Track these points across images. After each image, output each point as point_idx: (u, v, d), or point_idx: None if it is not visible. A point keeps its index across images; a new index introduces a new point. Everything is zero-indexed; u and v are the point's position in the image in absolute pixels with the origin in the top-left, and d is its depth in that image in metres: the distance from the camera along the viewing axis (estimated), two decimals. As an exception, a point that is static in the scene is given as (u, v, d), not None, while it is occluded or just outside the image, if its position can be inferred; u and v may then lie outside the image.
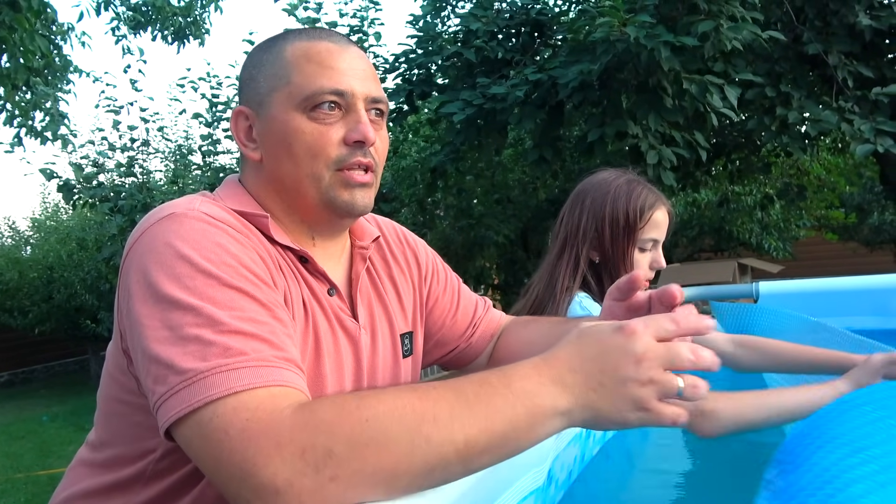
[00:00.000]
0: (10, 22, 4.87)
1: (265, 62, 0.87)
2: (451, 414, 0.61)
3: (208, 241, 0.72)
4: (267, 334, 0.68)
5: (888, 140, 3.85)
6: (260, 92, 0.86)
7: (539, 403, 0.63)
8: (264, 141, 0.86)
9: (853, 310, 2.13)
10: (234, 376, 0.63)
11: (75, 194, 5.69)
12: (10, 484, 4.99)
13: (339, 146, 0.83)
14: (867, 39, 4.26)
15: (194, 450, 0.63)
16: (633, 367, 0.63)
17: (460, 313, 1.11)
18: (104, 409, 0.85)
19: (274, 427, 0.60)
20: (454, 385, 0.64)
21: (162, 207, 0.78)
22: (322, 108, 0.82)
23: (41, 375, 10.81)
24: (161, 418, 0.64)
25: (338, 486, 0.58)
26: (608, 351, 0.64)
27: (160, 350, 0.66)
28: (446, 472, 0.62)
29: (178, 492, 0.79)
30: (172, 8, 7.04)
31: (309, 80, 0.83)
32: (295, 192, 0.85)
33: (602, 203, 1.46)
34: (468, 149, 5.37)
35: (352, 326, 0.89)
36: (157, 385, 0.65)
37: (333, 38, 0.87)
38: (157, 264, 0.70)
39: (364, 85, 0.85)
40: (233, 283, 0.70)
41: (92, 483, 0.85)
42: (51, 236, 10.75)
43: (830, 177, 8.33)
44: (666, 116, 4.00)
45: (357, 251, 0.95)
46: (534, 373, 0.65)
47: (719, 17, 3.74)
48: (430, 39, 5.32)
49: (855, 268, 7.41)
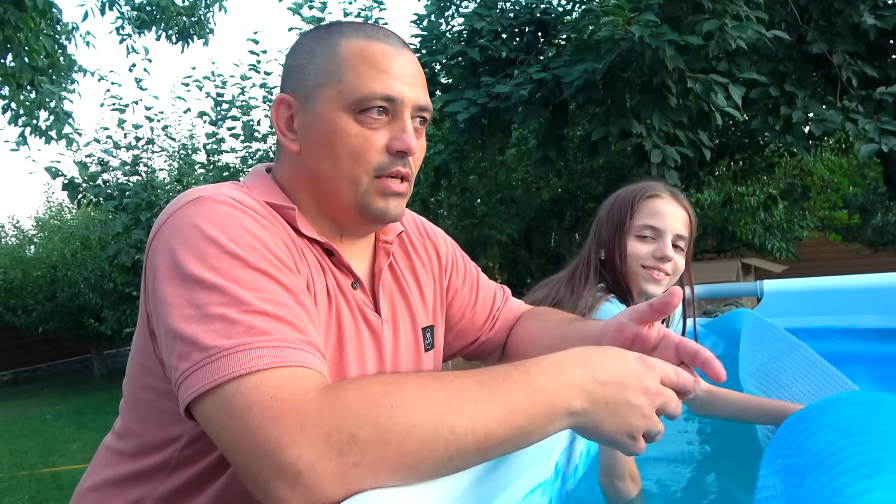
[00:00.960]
0: (16, 21, 4.90)
1: (317, 54, 0.84)
2: (476, 405, 0.62)
3: (235, 225, 0.73)
4: (290, 317, 0.68)
5: (892, 140, 3.85)
6: (308, 84, 0.84)
7: (557, 404, 0.66)
8: (306, 134, 0.84)
9: (856, 308, 2.14)
10: (258, 355, 0.63)
11: (80, 193, 5.70)
12: (14, 481, 5.01)
13: (381, 153, 0.82)
14: (872, 39, 4.26)
15: (216, 426, 0.62)
16: (643, 399, 0.69)
17: (479, 305, 1.11)
18: (130, 398, 0.86)
19: (299, 408, 0.60)
20: (478, 376, 0.65)
21: (189, 192, 0.79)
22: (371, 112, 0.81)
23: (44, 374, 10.83)
24: (183, 394, 0.64)
25: (359, 472, 0.58)
26: (629, 377, 0.70)
27: (185, 327, 0.66)
28: (464, 461, 0.63)
29: (203, 481, 0.79)
30: (177, 8, 7.06)
31: (362, 82, 0.81)
32: (330, 191, 0.84)
33: (607, 202, 1.54)
34: (472, 148, 5.37)
35: (374, 320, 0.90)
36: (180, 361, 0.65)
37: (390, 39, 0.85)
38: (183, 245, 0.71)
39: (414, 92, 0.84)
40: (258, 266, 0.70)
41: (117, 471, 0.85)
42: (54, 235, 10.77)
43: (834, 177, 8.32)
44: (670, 116, 4.00)
45: (381, 245, 0.95)
46: (556, 372, 0.68)
47: (724, 17, 3.74)
48: (435, 39, 5.33)
49: (858, 269, 7.40)
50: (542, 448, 1.01)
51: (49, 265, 9.99)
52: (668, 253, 1.45)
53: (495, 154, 6.22)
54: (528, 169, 7.17)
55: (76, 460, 5.48)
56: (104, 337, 9.64)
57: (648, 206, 1.47)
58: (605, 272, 1.49)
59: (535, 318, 1.13)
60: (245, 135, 6.79)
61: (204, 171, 7.11)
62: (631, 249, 1.45)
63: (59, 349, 10.99)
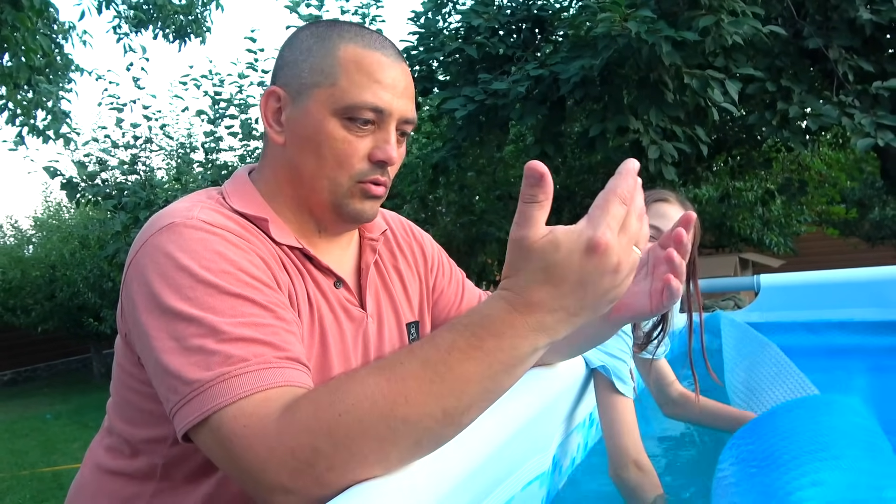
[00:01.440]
0: (13, 21, 4.89)
1: (314, 52, 0.85)
2: (421, 390, 0.62)
3: (206, 250, 0.74)
4: (269, 336, 0.70)
5: (889, 134, 3.86)
6: (301, 80, 0.84)
7: (517, 354, 0.64)
8: (293, 129, 0.85)
9: (852, 302, 2.15)
10: (237, 383, 0.66)
11: (79, 192, 5.71)
12: (15, 481, 5.02)
13: (363, 161, 0.84)
14: (867, 34, 4.27)
15: (212, 455, 0.67)
16: (611, 278, 0.64)
17: (464, 305, 1.13)
18: (116, 398, 0.88)
19: (263, 433, 0.63)
20: (422, 356, 0.64)
21: (160, 215, 0.80)
22: (358, 121, 0.83)
23: (44, 374, 10.83)
24: (178, 425, 0.68)
25: (336, 474, 0.62)
26: (586, 278, 0.63)
27: (168, 360, 0.69)
28: (435, 440, 0.65)
29: (194, 481, 0.81)
30: (174, 6, 7.05)
31: (356, 90, 0.82)
32: (310, 187, 0.86)
33: None
34: (470, 145, 5.38)
35: (358, 315, 0.91)
36: (169, 394, 0.69)
37: (387, 49, 0.86)
38: (158, 276, 0.73)
39: (401, 104, 0.85)
40: (232, 290, 0.72)
41: (111, 468, 0.87)
42: (53, 235, 10.77)
43: (831, 172, 8.34)
44: (667, 111, 4.01)
45: (367, 242, 0.97)
46: (507, 327, 0.63)
47: (720, 13, 3.75)
48: (432, 36, 5.33)
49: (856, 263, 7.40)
50: (539, 441, 1.02)
51: (48, 265, 9.99)
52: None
53: (493, 151, 6.22)
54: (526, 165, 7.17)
55: (77, 459, 5.49)
56: (103, 336, 9.64)
57: (655, 208, 1.48)
58: None
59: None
60: (243, 133, 6.80)
61: (202, 169, 7.11)
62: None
63: (58, 349, 10.99)
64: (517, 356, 0.64)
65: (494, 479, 0.83)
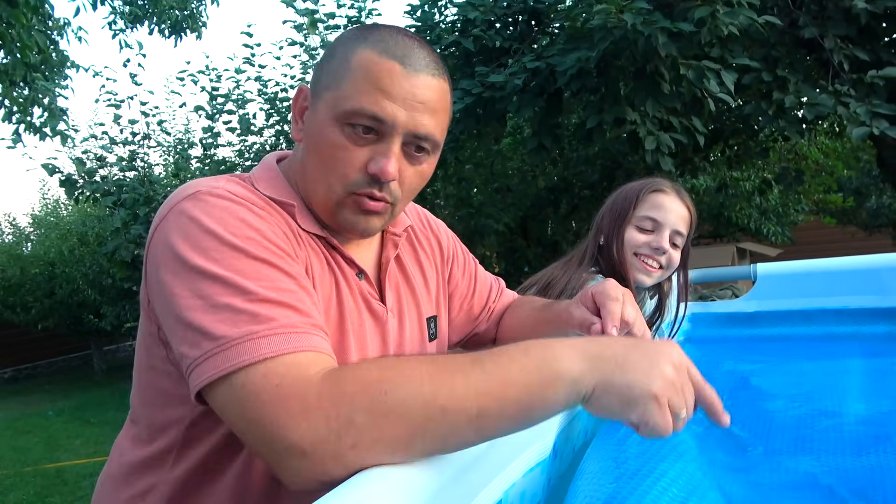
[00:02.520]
0: (8, 18, 4.88)
1: (335, 55, 0.84)
2: (467, 383, 0.64)
3: (232, 217, 0.75)
4: (294, 301, 0.71)
5: (884, 123, 3.87)
6: (320, 83, 0.84)
7: (553, 367, 0.65)
8: (307, 129, 0.86)
9: (850, 289, 2.17)
10: (265, 343, 0.66)
11: (78, 189, 5.71)
12: (19, 477, 5.05)
13: (359, 171, 0.81)
14: (863, 23, 4.27)
15: (227, 412, 0.66)
16: (668, 365, 0.67)
17: (476, 297, 1.13)
18: (138, 382, 0.88)
19: (302, 392, 0.63)
20: (474, 355, 0.67)
21: (186, 186, 0.81)
22: (357, 128, 0.80)
23: (45, 371, 10.86)
24: (194, 381, 0.67)
25: (357, 453, 0.62)
26: (649, 345, 0.69)
27: (193, 317, 0.69)
28: (461, 439, 0.65)
29: (209, 468, 0.82)
30: (169, 1, 7.03)
31: (356, 95, 0.80)
32: (312, 190, 0.86)
33: (614, 194, 1.60)
34: (467, 138, 5.38)
35: (379, 309, 0.91)
36: (191, 349, 0.68)
37: (410, 58, 0.81)
38: (184, 239, 0.73)
39: (412, 118, 0.80)
40: (258, 255, 0.73)
41: (131, 457, 0.88)
42: (51, 232, 10.77)
43: (828, 161, 8.34)
44: (664, 102, 4.02)
45: (389, 237, 0.97)
46: (556, 342, 0.68)
47: (715, 3, 3.75)
48: (428, 29, 5.32)
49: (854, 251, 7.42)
50: (539, 428, 1.04)
51: (47, 262, 10.00)
52: (664, 245, 1.48)
53: (491, 143, 6.23)
54: (523, 158, 7.18)
55: (80, 455, 5.51)
56: (104, 333, 9.67)
57: (652, 199, 1.51)
58: (601, 258, 1.53)
59: (514, 310, 1.16)
60: (241, 128, 6.79)
61: (200, 164, 7.10)
62: (628, 237, 1.49)
63: (58, 346, 11.01)
64: (552, 369, 0.66)
65: (494, 467, 0.85)
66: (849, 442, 1.08)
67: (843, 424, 1.31)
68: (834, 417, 1.33)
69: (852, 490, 0.96)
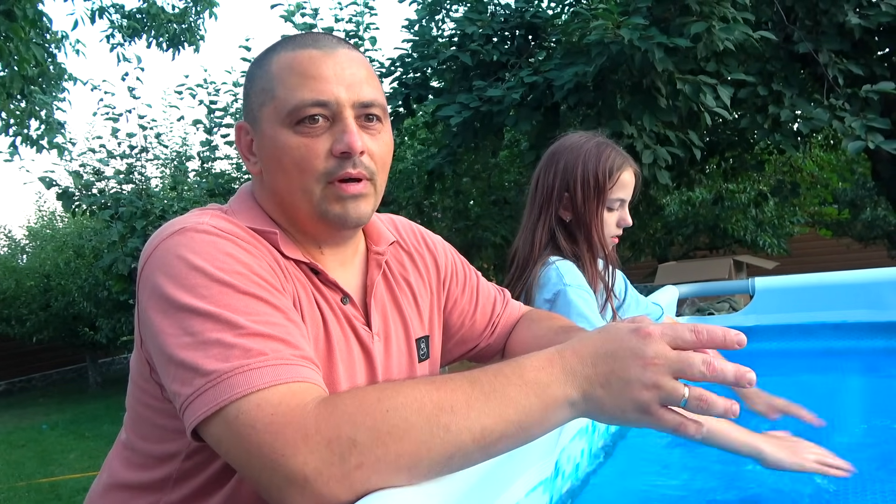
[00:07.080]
0: (6, 31, 4.90)
1: (256, 77, 0.86)
2: (468, 403, 0.64)
3: (218, 252, 0.75)
4: (284, 335, 0.71)
5: (879, 136, 3.90)
6: (253, 108, 0.85)
7: (551, 393, 0.67)
8: (261, 156, 0.86)
9: (848, 304, 2.18)
10: (257, 375, 0.66)
11: (75, 202, 5.70)
12: (12, 492, 5.00)
13: (326, 159, 0.82)
14: (857, 38, 4.32)
15: (224, 446, 0.66)
16: (639, 370, 0.65)
17: (479, 312, 1.12)
18: (131, 414, 0.88)
19: (299, 419, 0.63)
20: (470, 376, 0.67)
21: (171, 223, 0.81)
22: (306, 122, 0.81)
23: (39, 384, 10.79)
24: (188, 418, 0.67)
25: (363, 473, 0.61)
26: (621, 351, 0.67)
27: (184, 355, 0.69)
28: (465, 458, 0.65)
29: (208, 491, 0.82)
30: (167, 15, 7.07)
31: (292, 93, 0.81)
32: (291, 205, 0.85)
33: (574, 165, 1.52)
34: (465, 151, 5.40)
35: (365, 334, 0.90)
36: (183, 387, 0.68)
37: (320, 43, 0.84)
38: (170, 278, 0.73)
39: (351, 91, 0.82)
40: (246, 290, 0.73)
41: (126, 478, 0.88)
42: (47, 244, 10.73)
43: (823, 173, 8.39)
44: (660, 116, 4.04)
45: (372, 257, 0.95)
46: (547, 364, 0.68)
47: (711, 18, 3.79)
48: (426, 43, 5.36)
49: (849, 263, 7.46)
50: (543, 446, 1.04)
51: (42, 274, 9.95)
52: (629, 220, 1.53)
53: (488, 156, 6.25)
54: (520, 170, 7.20)
55: (74, 470, 5.47)
56: (99, 345, 9.61)
57: (623, 178, 1.51)
58: (561, 233, 1.52)
59: (529, 325, 1.15)
60: (239, 141, 6.79)
61: (198, 178, 7.11)
62: (606, 218, 1.51)
63: (53, 358, 10.94)
64: (550, 395, 0.67)
65: (498, 485, 0.85)
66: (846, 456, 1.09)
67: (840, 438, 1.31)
68: (832, 431, 1.33)
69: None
